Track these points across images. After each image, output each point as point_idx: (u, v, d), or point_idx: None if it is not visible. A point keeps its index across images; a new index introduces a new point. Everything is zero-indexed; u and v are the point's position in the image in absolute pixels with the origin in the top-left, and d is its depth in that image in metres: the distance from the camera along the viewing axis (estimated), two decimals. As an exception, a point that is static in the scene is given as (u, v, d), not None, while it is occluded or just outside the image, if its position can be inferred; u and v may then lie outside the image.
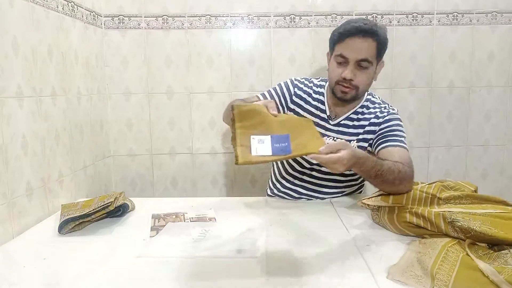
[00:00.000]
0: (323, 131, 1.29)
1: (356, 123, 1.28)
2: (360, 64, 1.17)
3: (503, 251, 0.79)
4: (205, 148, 1.85)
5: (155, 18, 1.75)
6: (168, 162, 1.86)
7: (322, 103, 1.31)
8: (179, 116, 1.82)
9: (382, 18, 1.78)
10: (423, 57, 1.82)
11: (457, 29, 1.81)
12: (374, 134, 1.25)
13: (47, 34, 1.26)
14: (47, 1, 1.26)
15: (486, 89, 1.87)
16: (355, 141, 1.27)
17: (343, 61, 1.19)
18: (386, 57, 1.24)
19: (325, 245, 0.94)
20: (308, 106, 1.32)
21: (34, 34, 1.19)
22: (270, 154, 0.83)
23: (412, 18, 1.79)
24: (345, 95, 1.22)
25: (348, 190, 1.37)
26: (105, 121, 1.76)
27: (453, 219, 0.87)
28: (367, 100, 1.31)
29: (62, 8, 1.36)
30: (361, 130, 1.27)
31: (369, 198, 1.10)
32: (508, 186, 1.93)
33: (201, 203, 1.28)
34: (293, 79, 1.36)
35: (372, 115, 1.27)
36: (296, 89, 1.33)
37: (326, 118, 1.30)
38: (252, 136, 0.84)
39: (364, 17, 1.76)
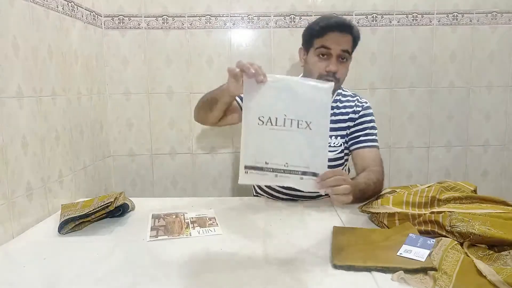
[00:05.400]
0: None
1: (333, 117, 1.30)
2: (341, 56, 1.21)
3: (503, 252, 0.79)
4: (205, 148, 1.85)
5: (155, 18, 1.75)
6: (168, 162, 1.86)
7: None
8: (179, 116, 1.82)
9: (382, 18, 1.78)
10: (423, 57, 1.82)
11: (457, 29, 1.81)
12: (349, 129, 1.31)
13: (47, 34, 1.26)
14: (47, 1, 1.26)
15: (486, 89, 1.87)
16: (339, 137, 1.29)
17: (326, 54, 1.21)
18: (386, 57, 1.24)
19: (325, 245, 0.94)
20: None
21: (34, 34, 1.19)
22: None
23: (412, 18, 1.79)
24: None
25: None
26: (105, 121, 1.76)
27: (452, 225, 0.86)
28: (338, 94, 1.34)
29: (62, 8, 1.36)
30: (343, 125, 1.30)
31: (369, 203, 1.10)
32: (508, 186, 1.93)
33: (201, 203, 1.28)
34: None
35: (349, 109, 1.32)
36: None
37: None
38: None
39: (364, 17, 1.76)
